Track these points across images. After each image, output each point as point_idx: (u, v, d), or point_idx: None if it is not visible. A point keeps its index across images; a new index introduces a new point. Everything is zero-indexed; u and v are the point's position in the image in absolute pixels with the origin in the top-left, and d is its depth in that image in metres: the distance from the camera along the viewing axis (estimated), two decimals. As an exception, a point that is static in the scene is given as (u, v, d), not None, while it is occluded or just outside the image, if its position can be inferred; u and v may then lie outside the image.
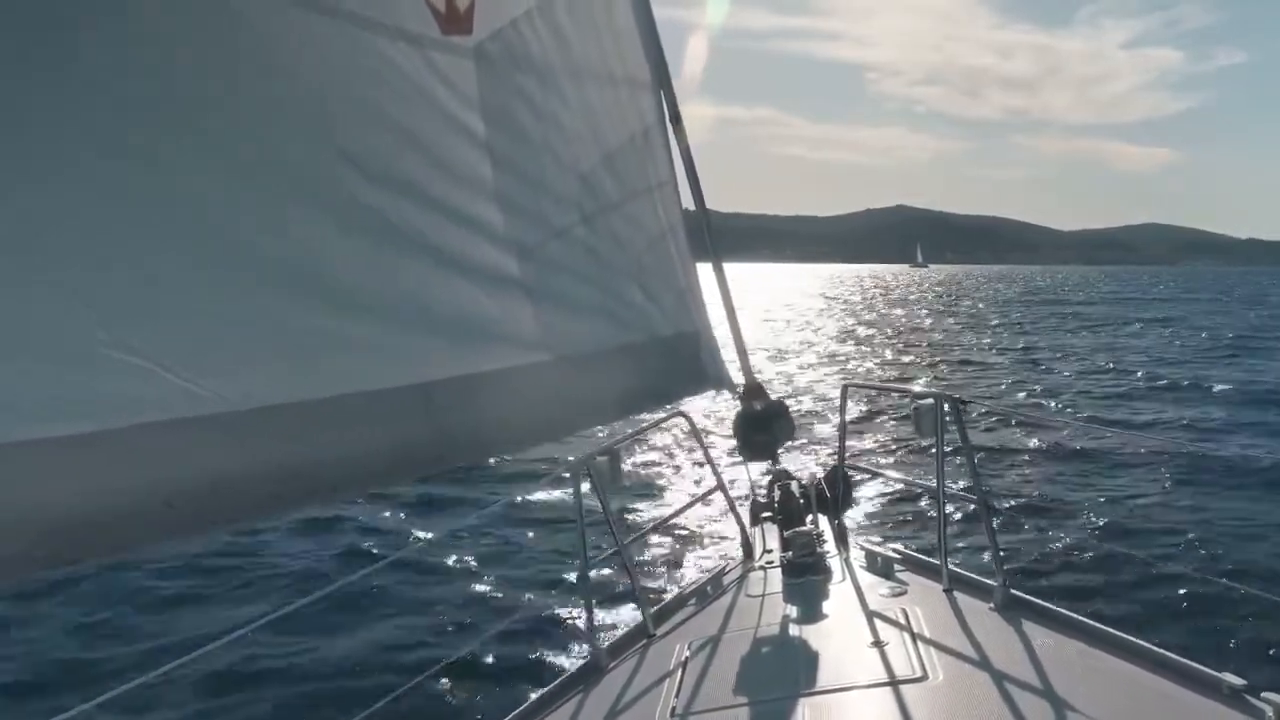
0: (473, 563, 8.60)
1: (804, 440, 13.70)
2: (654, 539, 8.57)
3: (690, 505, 5.43)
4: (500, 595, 7.84)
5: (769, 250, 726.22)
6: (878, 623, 3.16)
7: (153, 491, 2.04)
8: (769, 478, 4.45)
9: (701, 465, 10.80)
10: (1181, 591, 7.08)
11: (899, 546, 4.04)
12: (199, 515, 2.16)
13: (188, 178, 2.11)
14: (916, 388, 4.13)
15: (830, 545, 4.00)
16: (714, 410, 12.51)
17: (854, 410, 15.75)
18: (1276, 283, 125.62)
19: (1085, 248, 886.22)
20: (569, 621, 6.86)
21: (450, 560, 8.64)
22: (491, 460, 10.81)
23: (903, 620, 3.13)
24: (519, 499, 10.38)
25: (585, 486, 3.52)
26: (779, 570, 3.84)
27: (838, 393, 13.84)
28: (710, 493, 4.72)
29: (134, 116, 2.00)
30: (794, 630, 3.25)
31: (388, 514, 10.42)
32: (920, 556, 3.84)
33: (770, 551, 4.11)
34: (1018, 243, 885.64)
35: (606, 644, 3.51)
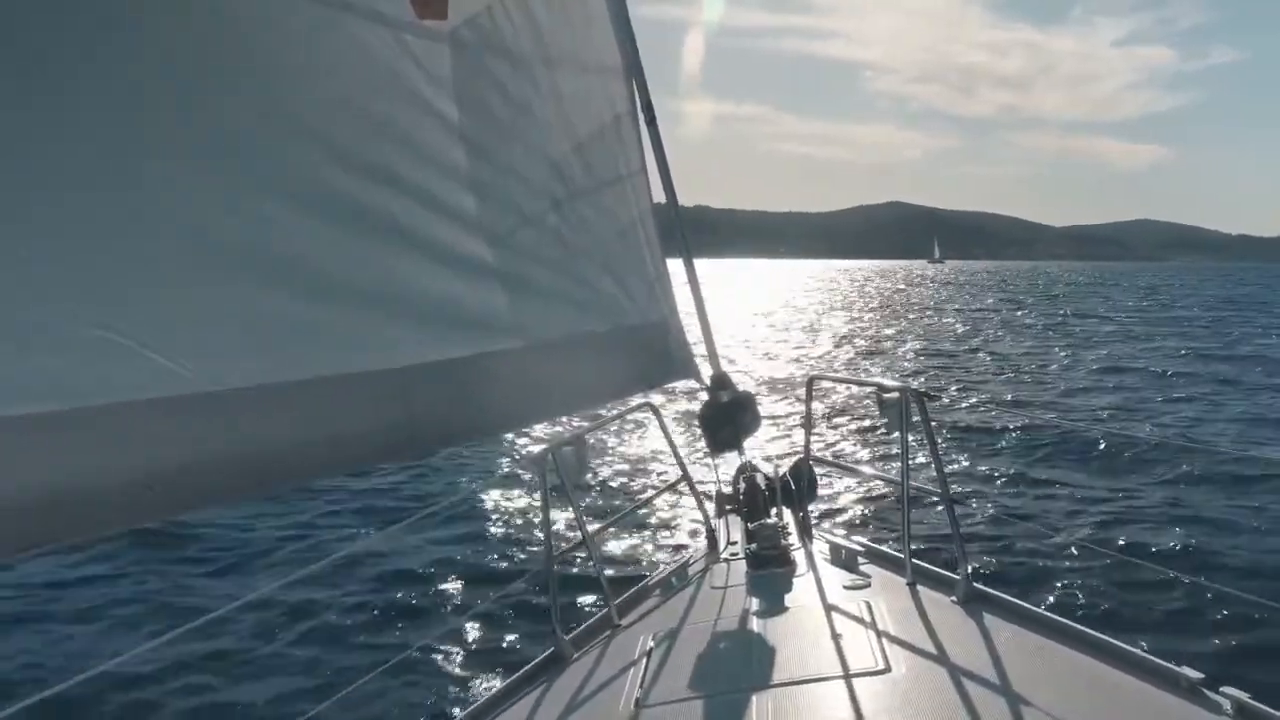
0: (436, 552, 8.55)
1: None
2: (619, 529, 8.56)
3: (655, 496, 5.42)
4: (464, 585, 7.80)
5: (764, 246, 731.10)
6: (840, 615, 3.18)
7: (131, 471, 2.02)
8: (734, 469, 4.46)
9: (667, 456, 10.82)
10: (1144, 585, 7.14)
11: (863, 539, 4.08)
12: (176, 496, 2.15)
13: (159, 162, 2.09)
14: (882, 380, 4.14)
15: (794, 538, 4.02)
16: (680, 402, 12.52)
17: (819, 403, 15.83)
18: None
19: (1077, 244, 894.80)
20: (533, 612, 6.83)
21: (413, 549, 8.58)
22: (462, 447, 10.75)
23: (865, 613, 3.15)
24: (484, 488, 10.33)
25: (550, 476, 3.51)
26: (743, 562, 3.85)
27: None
28: (676, 484, 4.72)
29: (105, 102, 1.98)
30: (757, 622, 3.26)
31: (350, 501, 10.33)
32: (884, 549, 3.87)
33: (735, 543, 4.12)
34: (1010, 239, 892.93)
35: (571, 634, 3.50)
